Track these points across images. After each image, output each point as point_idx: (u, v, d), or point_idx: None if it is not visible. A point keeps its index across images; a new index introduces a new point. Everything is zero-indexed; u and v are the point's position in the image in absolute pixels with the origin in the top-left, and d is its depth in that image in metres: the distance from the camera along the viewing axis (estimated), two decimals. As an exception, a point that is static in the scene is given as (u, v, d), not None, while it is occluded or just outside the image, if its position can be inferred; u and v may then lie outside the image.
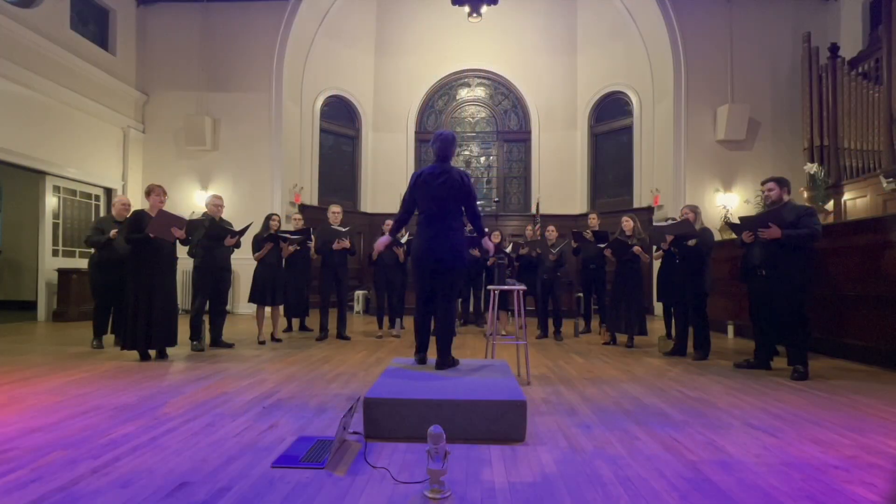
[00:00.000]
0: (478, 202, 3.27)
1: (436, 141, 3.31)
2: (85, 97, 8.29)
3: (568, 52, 11.33)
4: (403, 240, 6.11)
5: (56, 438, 2.35)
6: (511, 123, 11.80)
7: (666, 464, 2.14)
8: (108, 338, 5.35)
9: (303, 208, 9.91)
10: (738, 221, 4.52)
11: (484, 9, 9.08)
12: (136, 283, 4.37)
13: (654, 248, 5.57)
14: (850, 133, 8.00)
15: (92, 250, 5.37)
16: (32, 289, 8.70)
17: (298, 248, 6.07)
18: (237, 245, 5.21)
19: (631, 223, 5.69)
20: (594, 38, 11.06)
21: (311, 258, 6.36)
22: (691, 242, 4.79)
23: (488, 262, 6.81)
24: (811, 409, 3.02)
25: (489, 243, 3.52)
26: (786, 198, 4.20)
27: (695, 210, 5.00)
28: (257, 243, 5.63)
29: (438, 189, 3.20)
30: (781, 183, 4.22)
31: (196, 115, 9.36)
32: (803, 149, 8.72)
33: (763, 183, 4.36)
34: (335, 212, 6.04)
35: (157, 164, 9.56)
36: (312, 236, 6.10)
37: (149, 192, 4.62)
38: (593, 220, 6.63)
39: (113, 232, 5.13)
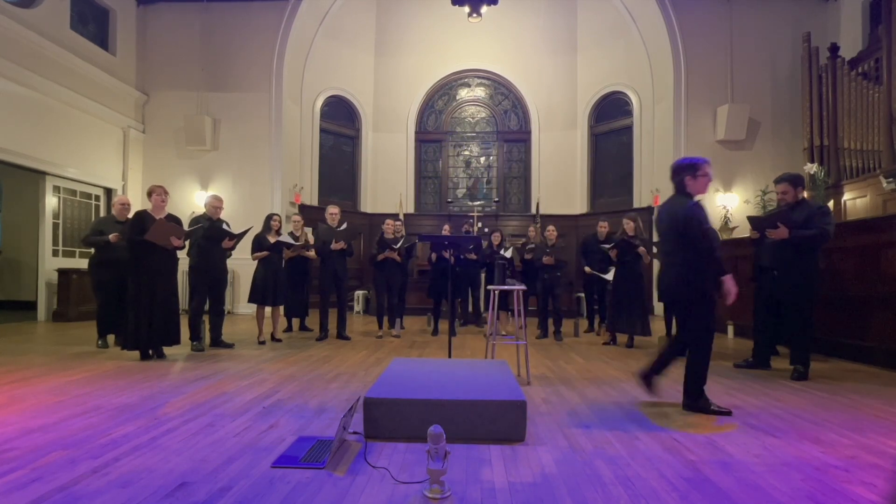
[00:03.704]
0: (703, 232, 2.88)
1: None
2: (85, 97, 8.29)
3: (568, 52, 11.33)
4: (398, 245, 6.10)
5: (56, 438, 2.35)
6: (511, 123, 11.80)
7: (666, 464, 2.14)
8: (112, 337, 5.35)
9: (303, 208, 9.91)
10: (746, 220, 4.47)
11: (484, 9, 9.08)
12: (138, 284, 4.37)
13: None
14: (850, 133, 8.00)
15: (92, 250, 5.37)
16: (32, 289, 8.69)
17: (302, 251, 6.10)
18: (234, 247, 5.21)
19: (632, 224, 5.69)
20: (594, 38, 11.07)
21: (311, 259, 6.36)
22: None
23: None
24: (811, 409, 3.02)
25: (730, 284, 2.96)
26: (801, 195, 4.11)
27: None
28: (258, 244, 5.63)
29: (658, 224, 3.22)
30: (795, 182, 4.10)
31: (196, 115, 9.36)
32: (803, 149, 8.72)
33: (776, 183, 4.21)
34: (332, 213, 6.04)
35: (157, 164, 9.56)
36: (313, 248, 6.11)
37: (150, 193, 4.63)
38: (603, 228, 6.52)
39: (112, 235, 5.12)
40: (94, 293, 5.38)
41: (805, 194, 4.19)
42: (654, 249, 5.64)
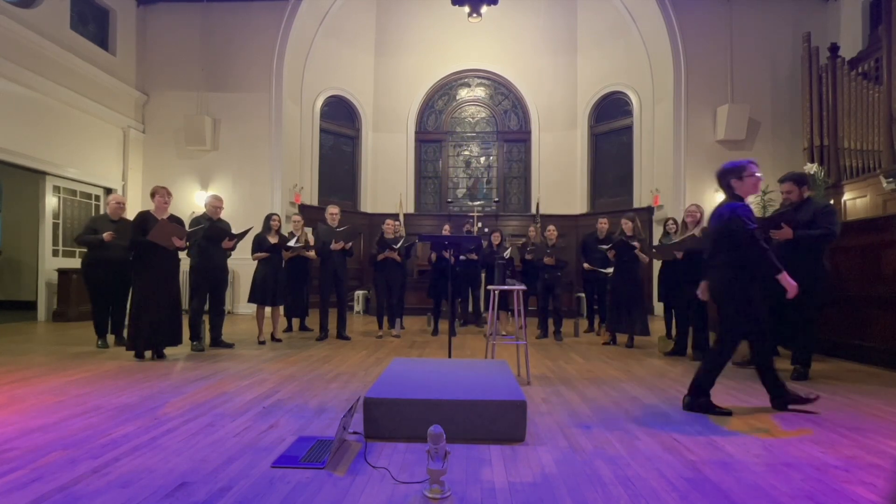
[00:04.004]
0: (750, 233, 2.84)
1: None
2: (85, 97, 8.29)
3: (568, 52, 11.33)
4: (397, 245, 6.11)
5: (56, 438, 2.35)
6: (511, 123, 11.80)
7: (666, 464, 2.14)
8: (112, 337, 5.36)
9: (303, 208, 9.92)
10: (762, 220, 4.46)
11: (484, 9, 9.08)
12: (142, 284, 4.37)
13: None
14: (850, 133, 8.00)
15: (85, 249, 5.36)
16: (32, 289, 8.69)
17: (302, 251, 6.10)
18: (234, 247, 5.21)
19: (631, 224, 5.69)
20: (594, 38, 11.07)
21: (311, 259, 6.36)
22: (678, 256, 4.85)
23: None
24: (811, 409, 3.02)
25: (789, 281, 2.93)
26: (806, 194, 4.07)
27: (701, 211, 5.04)
28: (258, 244, 5.63)
29: (709, 228, 3.17)
30: (800, 182, 4.05)
31: (196, 115, 9.36)
32: (803, 149, 8.72)
33: (781, 182, 4.16)
34: (332, 213, 6.04)
35: (157, 164, 9.56)
36: (313, 248, 6.11)
37: (153, 194, 4.64)
38: (603, 225, 6.55)
39: (106, 234, 5.12)
40: (88, 294, 5.37)
41: (806, 194, 4.17)
42: (654, 250, 5.65)
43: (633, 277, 5.53)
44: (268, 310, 5.74)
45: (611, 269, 5.87)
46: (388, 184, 11.54)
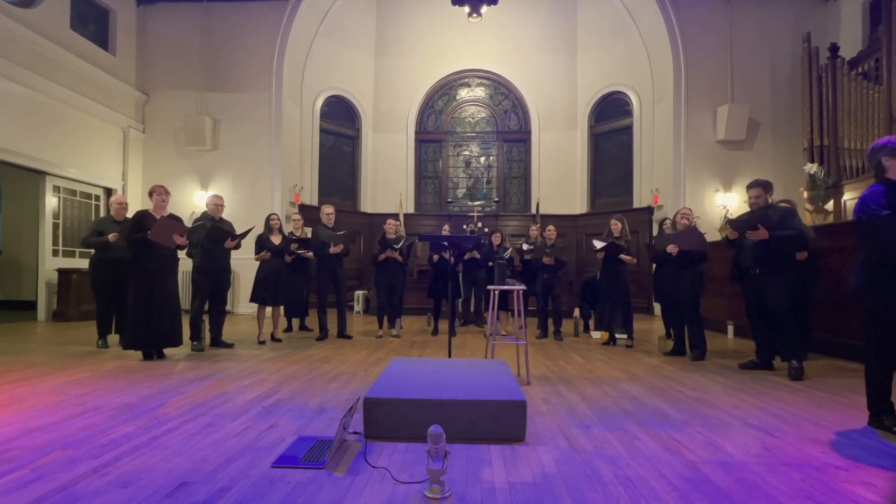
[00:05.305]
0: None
1: None
2: (85, 97, 8.29)
3: (568, 52, 11.33)
4: (398, 245, 6.10)
5: (56, 438, 2.35)
6: (511, 123, 11.80)
7: (666, 464, 2.14)
8: (113, 337, 5.36)
9: (303, 208, 9.91)
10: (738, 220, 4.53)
11: (484, 9, 9.08)
12: (139, 284, 4.37)
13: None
14: (850, 133, 7.99)
15: (92, 251, 5.38)
16: (32, 289, 8.69)
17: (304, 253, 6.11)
18: (237, 247, 5.22)
19: (619, 225, 5.72)
20: (594, 37, 11.07)
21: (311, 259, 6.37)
22: (670, 248, 4.85)
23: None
24: (811, 409, 3.02)
25: None
26: (770, 200, 4.25)
27: (692, 214, 5.10)
28: (260, 244, 5.63)
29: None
30: (767, 188, 4.23)
31: (196, 115, 9.36)
32: (803, 149, 8.72)
33: (749, 188, 4.33)
34: (328, 213, 6.05)
35: (157, 164, 9.56)
36: (311, 250, 6.11)
37: (151, 193, 4.65)
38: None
39: (111, 235, 5.14)
40: (93, 293, 5.40)
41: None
42: (652, 242, 5.70)
43: (619, 276, 5.63)
44: (268, 310, 5.74)
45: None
46: (388, 184, 11.54)
